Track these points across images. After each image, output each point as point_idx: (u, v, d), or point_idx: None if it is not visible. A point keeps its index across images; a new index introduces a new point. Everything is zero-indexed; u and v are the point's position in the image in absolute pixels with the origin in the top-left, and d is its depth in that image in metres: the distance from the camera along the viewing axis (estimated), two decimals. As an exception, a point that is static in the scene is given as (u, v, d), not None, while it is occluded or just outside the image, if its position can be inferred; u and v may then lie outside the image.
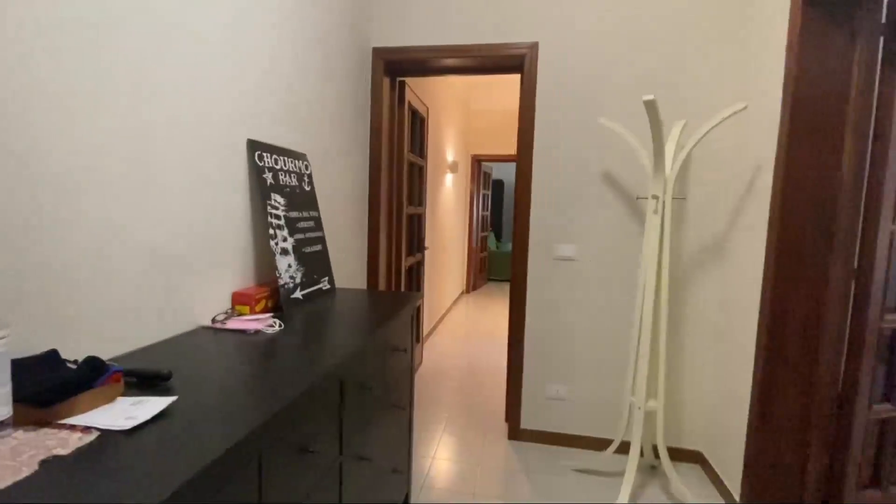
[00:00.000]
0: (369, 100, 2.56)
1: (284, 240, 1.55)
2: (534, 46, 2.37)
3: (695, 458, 2.38)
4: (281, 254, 1.51)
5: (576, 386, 2.49)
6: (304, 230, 1.69)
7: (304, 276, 1.63)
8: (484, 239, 7.67)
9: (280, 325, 1.30)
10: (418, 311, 3.62)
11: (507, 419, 2.62)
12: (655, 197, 1.97)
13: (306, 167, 1.81)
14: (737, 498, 1.97)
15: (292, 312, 1.46)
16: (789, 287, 1.79)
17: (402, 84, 2.88)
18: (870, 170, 1.70)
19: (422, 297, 3.58)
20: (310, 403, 0.97)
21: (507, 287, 7.23)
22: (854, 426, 1.76)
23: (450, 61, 2.55)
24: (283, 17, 1.67)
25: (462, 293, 6.86)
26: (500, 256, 8.06)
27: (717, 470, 2.20)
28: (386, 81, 2.64)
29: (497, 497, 2.06)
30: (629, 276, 2.37)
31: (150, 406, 0.78)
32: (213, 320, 1.30)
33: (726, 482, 2.09)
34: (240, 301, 1.40)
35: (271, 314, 1.41)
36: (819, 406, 1.79)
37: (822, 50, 1.70)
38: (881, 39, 1.66)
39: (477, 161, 6.78)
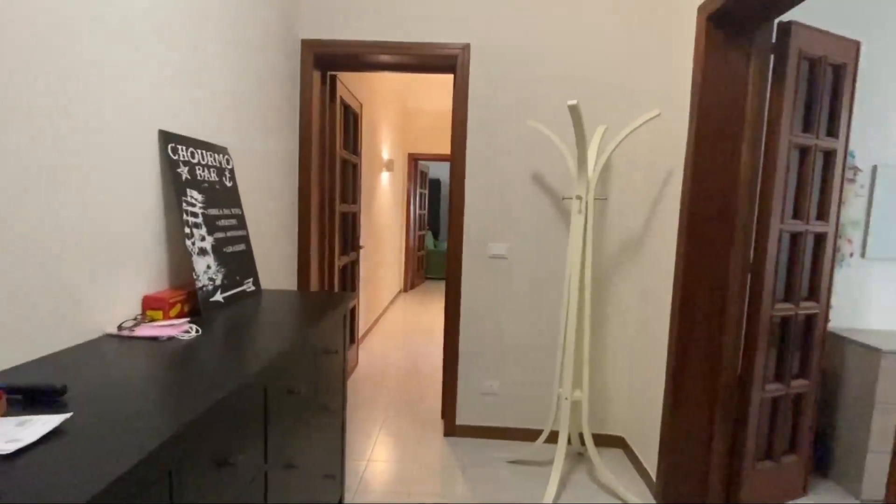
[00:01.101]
0: (298, 93, 2.46)
1: (202, 239, 1.45)
2: (466, 48, 2.40)
3: (618, 442, 2.54)
4: (199, 254, 1.42)
5: (508, 380, 2.56)
6: (224, 228, 1.59)
7: (225, 277, 1.54)
8: (421, 237, 7.67)
9: (197, 331, 1.21)
10: (353, 311, 3.55)
11: (444, 416, 2.65)
12: (579, 197, 2.07)
13: (227, 161, 1.71)
14: (654, 477, 2.13)
15: (212, 317, 1.37)
16: (697, 282, 1.96)
17: (334, 78, 2.81)
18: (762, 176, 1.90)
19: (356, 297, 3.52)
20: (229, 412, 0.91)
21: (444, 285, 7.28)
22: (751, 405, 1.96)
23: (384, 58, 2.52)
24: (205, 3, 1.56)
25: (400, 292, 6.82)
26: (438, 255, 8.11)
27: (637, 452, 2.36)
28: (316, 75, 2.55)
29: (432, 495, 2.07)
30: (557, 274, 2.48)
31: (38, 426, 0.69)
32: (120, 327, 1.19)
33: (645, 463, 2.25)
34: (151, 306, 1.29)
35: (188, 319, 1.31)
36: (723, 388, 1.97)
37: (723, 66, 1.87)
38: (771, 58, 1.86)
39: (414, 160, 6.77)
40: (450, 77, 2.63)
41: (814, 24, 1.89)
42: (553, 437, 2.27)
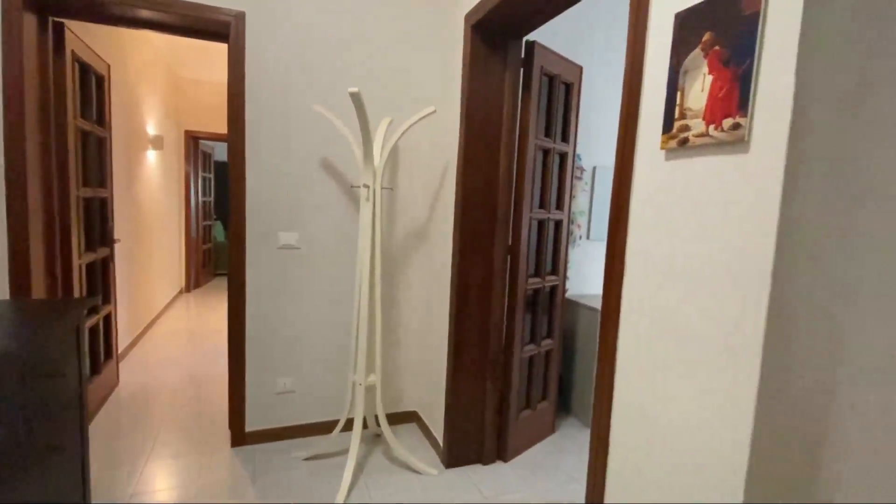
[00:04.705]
0: (-2, 39, 1.85)
1: None
2: (240, 16, 2.16)
3: (412, 417, 2.71)
4: None
5: (304, 375, 2.47)
6: None
7: None
8: (207, 228, 6.77)
9: None
10: (108, 320, 2.91)
11: (231, 425, 2.40)
12: (366, 186, 2.10)
13: None
14: (441, 443, 2.34)
15: None
16: (470, 262, 2.20)
17: (60, 27, 2.20)
18: (516, 173, 2.23)
19: (97, 301, 2.89)
20: None
21: (237, 281, 6.57)
22: (513, 365, 2.31)
23: (139, 12, 2.08)
24: None
25: (181, 292, 5.90)
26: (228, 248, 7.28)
27: (427, 424, 2.55)
28: (29, 19, 1.96)
29: (215, 514, 1.86)
30: (350, 262, 2.48)
31: None
32: None
33: (434, 432, 2.46)
34: None
35: None
36: (492, 354, 2.28)
37: (485, 73, 2.12)
38: (521, 71, 2.19)
39: (193, 139, 5.88)
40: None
41: (551, 47, 2.29)
42: (350, 425, 2.29)
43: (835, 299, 0.90)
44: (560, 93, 2.38)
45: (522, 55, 2.18)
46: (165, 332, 4.25)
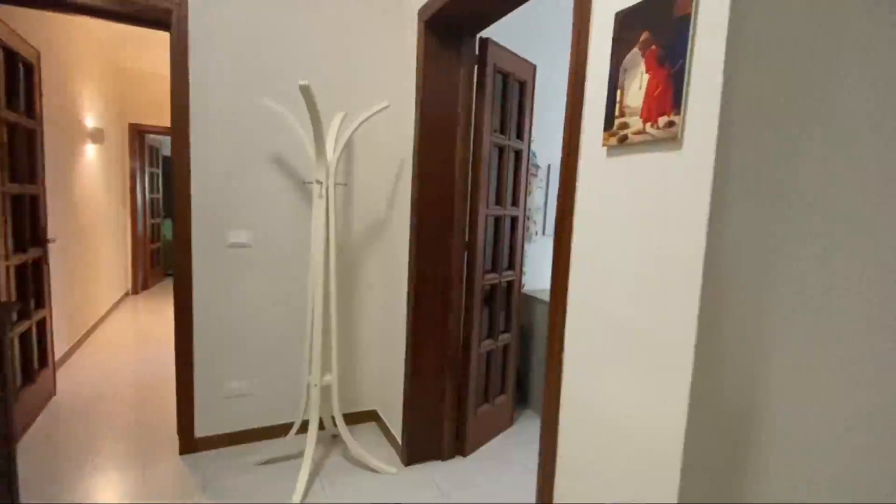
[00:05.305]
0: None
1: None
2: (182, 3, 2.06)
3: (371, 416, 2.68)
4: None
5: (258, 378, 2.39)
6: None
7: None
8: (156, 227, 6.45)
9: None
10: (42, 325, 2.72)
11: (180, 432, 2.29)
12: (319, 182, 2.05)
13: None
14: (400, 441, 2.32)
15: None
16: (427, 258, 2.19)
17: (-21, 9, 2.03)
18: (472, 170, 2.24)
19: (39, 306, 2.70)
20: None
21: (190, 281, 6.30)
22: (472, 360, 2.32)
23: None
24: None
25: (127, 294, 5.60)
26: (181, 247, 6.96)
27: (387, 422, 2.53)
28: (-60, -2, 1.79)
29: (161, 526, 1.78)
30: (306, 260, 2.42)
31: None
32: None
33: (393, 430, 2.44)
34: None
35: None
36: (451, 350, 2.29)
37: (439, 69, 2.11)
38: (475, 69, 2.19)
39: (138, 132, 5.58)
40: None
41: (508, 45, 2.31)
42: (306, 427, 2.24)
43: (762, 292, 0.95)
44: (514, 91, 2.40)
45: (476, 52, 2.19)
46: (109, 337, 4.02)
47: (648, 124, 0.97)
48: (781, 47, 0.89)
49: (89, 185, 4.05)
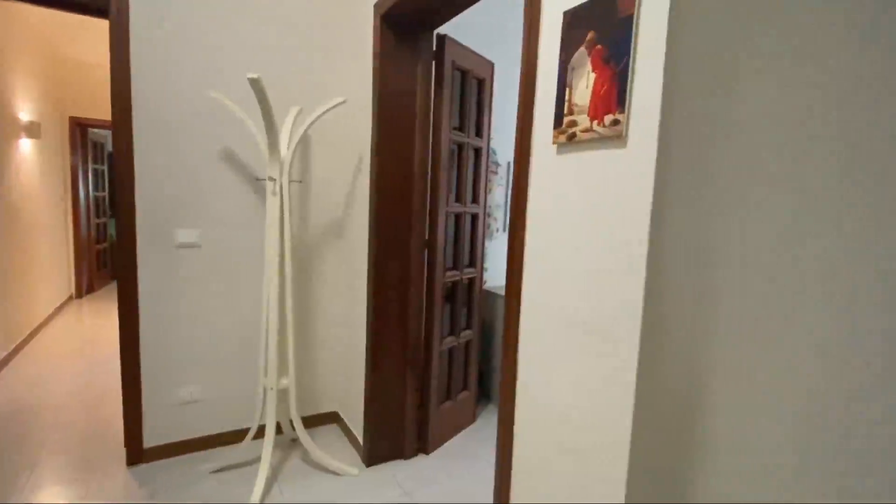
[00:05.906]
0: None
1: None
2: (121, -10, 1.94)
3: (332, 418, 2.63)
4: None
5: (211, 383, 2.30)
6: None
7: None
8: (102, 226, 6.10)
9: None
10: (-31, 333, 2.52)
11: (127, 443, 2.18)
12: (273, 179, 1.99)
13: None
14: (361, 442, 2.29)
15: None
16: (386, 256, 2.17)
17: None
18: (431, 167, 2.23)
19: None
20: None
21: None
22: (433, 357, 2.32)
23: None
24: None
25: (70, 298, 5.27)
26: (130, 247, 6.62)
27: (348, 423, 2.49)
28: None
29: (105, 542, 1.68)
30: (260, 259, 2.34)
31: None
32: None
33: (355, 431, 2.40)
34: None
35: None
36: (411, 348, 2.27)
37: (397, 67, 2.08)
38: (433, 64, 2.18)
39: (80, 126, 5.25)
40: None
41: (467, 42, 2.31)
42: (262, 433, 2.17)
43: (704, 284, 0.98)
44: (473, 88, 2.40)
45: (434, 49, 2.17)
46: (50, 344, 3.78)
47: (595, 122, 0.99)
48: (720, 47, 0.93)
49: (24, 182, 3.78)
